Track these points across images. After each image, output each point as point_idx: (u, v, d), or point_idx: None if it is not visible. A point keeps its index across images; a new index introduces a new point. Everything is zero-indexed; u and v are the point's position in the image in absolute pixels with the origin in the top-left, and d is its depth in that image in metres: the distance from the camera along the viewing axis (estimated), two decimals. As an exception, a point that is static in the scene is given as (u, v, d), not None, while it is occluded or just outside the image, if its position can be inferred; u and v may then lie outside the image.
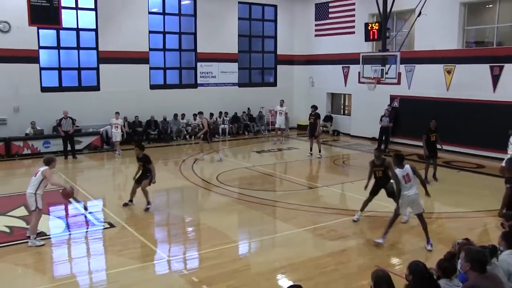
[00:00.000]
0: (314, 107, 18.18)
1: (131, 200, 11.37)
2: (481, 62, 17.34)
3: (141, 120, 20.67)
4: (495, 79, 17.04)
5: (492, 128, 16.80)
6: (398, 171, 8.73)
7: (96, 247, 9.01)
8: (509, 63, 16.71)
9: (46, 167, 8.86)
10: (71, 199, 10.91)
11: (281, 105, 21.03)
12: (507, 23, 17.69)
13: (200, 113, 17.95)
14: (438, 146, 14.20)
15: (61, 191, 9.13)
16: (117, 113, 18.28)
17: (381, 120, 19.13)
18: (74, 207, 11.34)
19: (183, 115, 21.57)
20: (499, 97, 16.92)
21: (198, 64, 22.57)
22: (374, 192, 10.11)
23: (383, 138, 19.01)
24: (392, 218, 8.99)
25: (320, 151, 17.71)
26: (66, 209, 10.98)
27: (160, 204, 12.19)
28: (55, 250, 8.81)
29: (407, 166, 8.78)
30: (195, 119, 21.51)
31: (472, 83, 17.64)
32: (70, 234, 9.64)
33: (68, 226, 10.10)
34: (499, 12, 17.35)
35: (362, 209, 10.31)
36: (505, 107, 16.72)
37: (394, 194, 9.17)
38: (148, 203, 11.13)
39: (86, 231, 9.83)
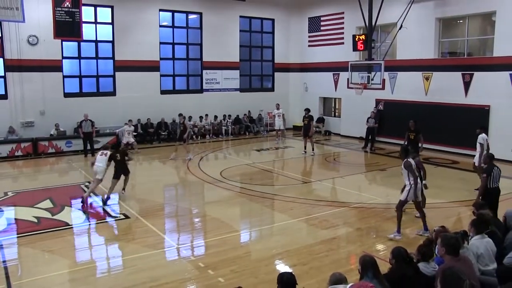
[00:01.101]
0: (307, 110, 18.20)
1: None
2: (454, 70, 17.39)
3: (152, 122, 20.69)
4: (466, 85, 17.10)
5: (465, 128, 16.82)
6: (411, 160, 8.56)
7: (112, 236, 9.04)
8: (478, 71, 16.81)
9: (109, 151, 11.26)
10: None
11: (278, 108, 21.02)
12: (475, 37, 17.80)
13: (180, 115, 17.44)
14: (419, 144, 14.19)
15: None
16: (130, 120, 18.39)
17: (367, 121, 19.16)
18: (93, 200, 11.37)
19: (190, 117, 21.57)
20: (470, 101, 17.00)
21: (204, 71, 22.59)
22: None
23: (369, 138, 19.04)
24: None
25: (313, 150, 17.74)
26: (86, 202, 11.01)
27: (169, 197, 12.25)
28: (77, 238, 8.85)
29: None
30: (201, 121, 21.53)
31: (447, 89, 17.68)
32: (90, 224, 9.67)
33: (88, 217, 10.13)
34: (468, 26, 17.45)
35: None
36: (475, 109, 16.79)
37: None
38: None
39: (104, 222, 9.85)
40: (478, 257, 5.44)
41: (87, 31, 18.80)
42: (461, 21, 18.10)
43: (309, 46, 24.64)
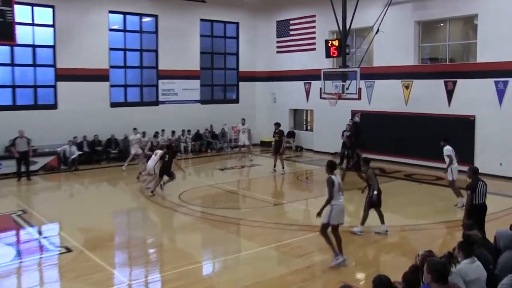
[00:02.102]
0: (278, 125, 18.22)
1: None
2: (436, 78, 17.89)
3: (100, 139, 20.20)
4: (449, 93, 17.61)
5: (450, 141, 17.14)
6: (334, 178, 8.52)
7: (50, 275, 8.55)
8: (461, 78, 17.33)
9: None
10: None
11: (243, 124, 21.00)
12: (457, 41, 18.40)
13: (134, 129, 18.57)
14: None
15: None
16: (135, 128, 18.97)
17: (342, 135, 19.36)
18: (27, 232, 10.84)
19: (143, 133, 21.20)
20: (454, 111, 17.47)
21: (160, 81, 22.35)
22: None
23: (345, 153, 19.21)
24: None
25: (283, 168, 17.71)
26: (18, 235, 10.45)
27: (120, 225, 11.89)
28: (2, 281, 8.17)
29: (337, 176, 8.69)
30: (157, 137, 21.22)
31: (428, 98, 18.14)
32: (21, 262, 9.08)
33: (19, 253, 9.56)
34: (449, 30, 18.06)
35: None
36: (460, 120, 17.25)
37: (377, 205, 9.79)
38: None
39: (40, 258, 9.33)
40: (468, 284, 5.44)
41: (23, 34, 18.27)
42: (441, 24, 18.70)
43: (277, 52, 24.86)
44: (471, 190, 8.66)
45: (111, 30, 20.92)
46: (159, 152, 14.52)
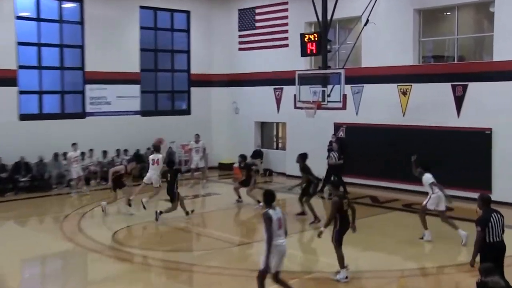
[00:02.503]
0: (242, 157, 17.94)
1: None
2: (442, 81, 18.20)
3: (4, 163, 19.66)
4: (459, 101, 17.90)
5: (458, 162, 17.51)
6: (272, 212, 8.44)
7: None
8: (474, 81, 17.60)
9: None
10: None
11: (197, 141, 20.80)
12: (468, 34, 18.79)
13: (73, 144, 19.31)
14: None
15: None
16: (74, 144, 19.42)
17: (329, 155, 19.36)
18: None
19: (64, 154, 20.73)
20: (465, 123, 17.74)
21: (87, 86, 22.08)
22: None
23: (333, 179, 19.18)
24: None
25: (259, 202, 16.63)
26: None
27: (32, 278, 11.54)
28: None
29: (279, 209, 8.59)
30: (83, 159, 20.80)
31: (432, 106, 18.42)
32: None
33: None
34: (458, 21, 18.43)
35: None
36: (472, 134, 17.50)
37: None
38: None
39: None
40: None
41: None
42: (448, 13, 19.11)
43: (240, 50, 24.94)
44: (481, 225, 8.65)
45: (18, 18, 20.61)
46: (160, 157, 16.55)
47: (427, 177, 13.28)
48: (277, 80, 22.98)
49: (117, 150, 22.29)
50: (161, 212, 15.10)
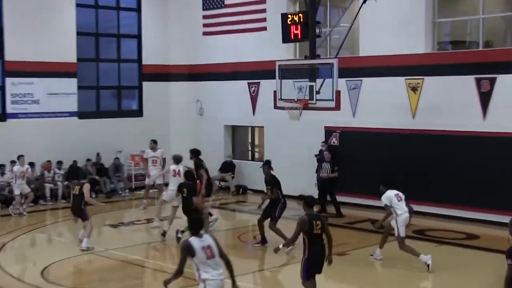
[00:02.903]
0: (195, 153, 17.88)
1: None
2: (463, 73, 18.32)
3: None
4: (485, 98, 18.04)
5: (486, 176, 17.62)
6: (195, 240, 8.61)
7: None
8: (504, 73, 17.67)
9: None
10: None
11: (154, 149, 20.60)
12: (496, 14, 18.90)
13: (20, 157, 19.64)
14: None
15: None
16: (21, 156, 19.96)
17: (320, 167, 19.40)
18: None
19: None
20: (492, 126, 17.85)
21: (8, 80, 22.05)
22: None
23: (324, 196, 19.29)
24: None
25: (211, 215, 17.45)
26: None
27: None
28: None
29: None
30: (2, 174, 20.68)
31: (450, 106, 18.57)
32: None
33: None
34: (484, -3, 18.53)
35: None
36: (501, 140, 17.63)
37: None
38: None
39: None
40: None
41: None
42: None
43: (204, 34, 25.01)
44: None
45: None
46: (181, 169, 17.26)
47: (384, 197, 14.18)
48: (253, 73, 23.12)
49: (47, 162, 22.16)
50: (182, 232, 15.53)
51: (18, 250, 16.25)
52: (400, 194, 14.15)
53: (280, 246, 11.63)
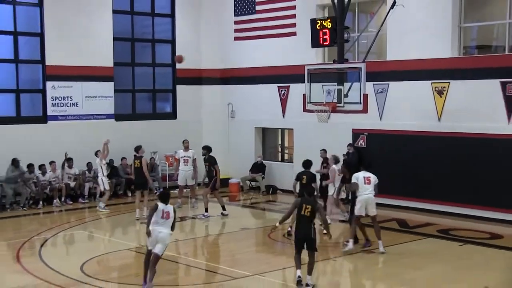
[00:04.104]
0: (207, 149, 19.21)
1: None
2: (489, 77, 18.20)
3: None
4: (510, 102, 17.94)
5: (510, 177, 17.52)
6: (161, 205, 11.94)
7: None
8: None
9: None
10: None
11: (186, 149, 20.69)
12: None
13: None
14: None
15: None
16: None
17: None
18: None
19: (31, 167, 20.85)
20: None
21: (49, 84, 22.18)
22: None
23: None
24: None
25: (224, 208, 19.01)
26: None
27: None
28: None
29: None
30: (44, 174, 20.87)
31: (475, 109, 18.48)
32: None
33: None
34: (511, 1, 18.29)
35: None
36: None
37: None
38: None
39: None
40: None
41: None
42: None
43: (236, 39, 25.03)
44: None
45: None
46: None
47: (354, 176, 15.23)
48: (282, 76, 23.11)
49: (87, 164, 22.33)
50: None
51: (59, 245, 16.41)
52: (371, 177, 15.07)
53: (277, 224, 13.42)
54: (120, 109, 24.01)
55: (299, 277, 12.03)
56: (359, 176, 15.02)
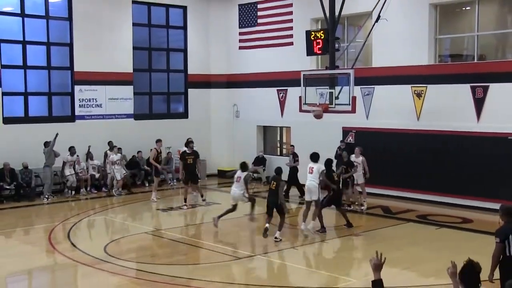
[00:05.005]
0: (190, 143, 19.31)
1: None
2: (460, 82, 18.29)
3: (-10, 170, 19.80)
4: (479, 103, 17.97)
5: (478, 169, 17.65)
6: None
7: None
8: (495, 82, 17.66)
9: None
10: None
11: (189, 145, 20.18)
12: (489, 31, 18.87)
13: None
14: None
15: None
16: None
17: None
18: None
19: (72, 149, 20.92)
20: (485, 127, 17.82)
21: (76, 88, 22.26)
22: None
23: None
24: None
25: (203, 196, 19.56)
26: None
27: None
28: None
29: None
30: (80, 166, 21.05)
31: (449, 110, 18.51)
32: None
33: None
34: (478, 16, 18.45)
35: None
36: (493, 140, 17.59)
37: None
38: None
39: None
40: None
41: None
42: (468, 8, 19.19)
43: (240, 48, 25.09)
44: (500, 236, 8.75)
45: (1, 13, 20.92)
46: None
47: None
48: (281, 81, 23.13)
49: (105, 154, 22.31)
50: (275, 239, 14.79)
51: (85, 230, 16.62)
52: (314, 167, 15.22)
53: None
54: (138, 109, 24.09)
55: (266, 228, 14.38)
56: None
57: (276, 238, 14.24)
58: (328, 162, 15.91)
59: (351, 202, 18.46)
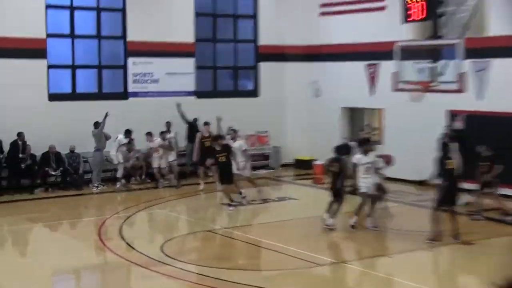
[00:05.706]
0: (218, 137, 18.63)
1: None
2: None
3: (35, 153, 20.27)
4: None
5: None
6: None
7: None
8: None
9: None
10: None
11: (234, 138, 19.85)
12: None
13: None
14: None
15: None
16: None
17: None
18: None
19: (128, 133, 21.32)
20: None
21: (130, 60, 22.55)
22: None
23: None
24: None
25: (242, 194, 18.32)
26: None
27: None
28: None
29: None
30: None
31: None
32: None
33: None
34: None
35: None
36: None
37: None
38: None
39: None
40: None
41: None
42: None
43: (321, 14, 24.86)
44: None
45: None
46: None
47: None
48: (371, 53, 22.81)
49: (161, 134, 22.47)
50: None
51: (138, 226, 16.78)
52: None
53: None
54: (201, 86, 24.18)
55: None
56: None
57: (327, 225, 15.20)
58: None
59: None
